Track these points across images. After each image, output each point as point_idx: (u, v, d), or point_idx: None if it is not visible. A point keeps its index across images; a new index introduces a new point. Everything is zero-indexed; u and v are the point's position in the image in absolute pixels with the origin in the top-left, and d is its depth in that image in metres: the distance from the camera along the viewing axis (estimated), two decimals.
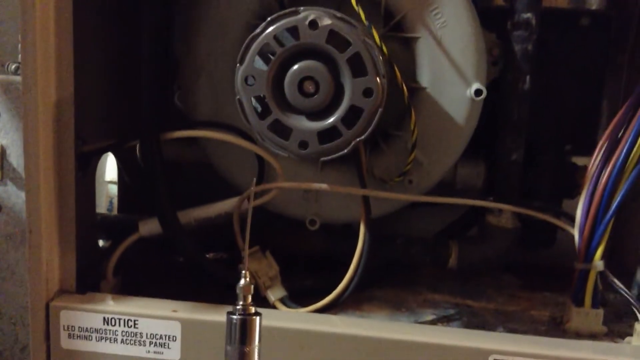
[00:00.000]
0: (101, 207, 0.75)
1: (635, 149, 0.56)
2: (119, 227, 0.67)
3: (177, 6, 0.61)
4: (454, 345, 0.51)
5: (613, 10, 0.68)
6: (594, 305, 0.57)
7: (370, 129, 0.51)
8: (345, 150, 0.52)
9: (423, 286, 0.67)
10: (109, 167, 0.75)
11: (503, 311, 0.63)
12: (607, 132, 0.57)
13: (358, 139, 0.51)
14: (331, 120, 0.51)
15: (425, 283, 0.68)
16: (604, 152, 0.56)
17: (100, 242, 0.67)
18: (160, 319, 0.53)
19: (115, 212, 0.77)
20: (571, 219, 0.59)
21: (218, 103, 0.61)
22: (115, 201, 0.76)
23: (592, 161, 0.57)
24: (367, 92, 0.50)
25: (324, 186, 0.58)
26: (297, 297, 0.60)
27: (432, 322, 0.60)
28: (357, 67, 0.50)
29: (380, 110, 0.51)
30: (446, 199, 0.60)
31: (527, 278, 0.70)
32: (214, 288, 0.57)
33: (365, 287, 0.62)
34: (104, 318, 0.53)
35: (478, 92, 0.56)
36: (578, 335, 0.57)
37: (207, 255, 0.65)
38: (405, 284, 0.67)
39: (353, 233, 0.59)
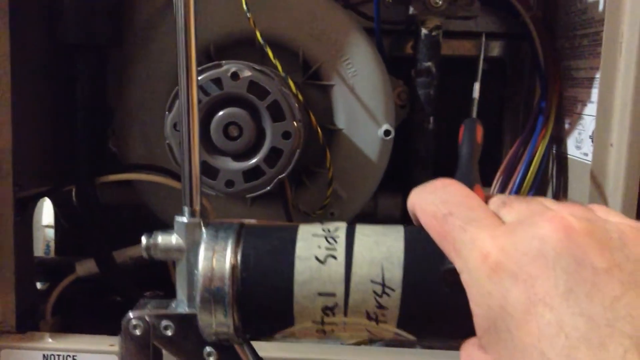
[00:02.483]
0: (39, 251, 0.77)
1: (526, 179, 0.63)
2: (56, 268, 0.69)
3: (111, 59, 0.65)
4: None
5: (508, 58, 0.76)
6: None
7: (290, 168, 0.56)
8: (269, 187, 0.57)
9: None
10: (46, 212, 0.77)
11: None
12: (503, 165, 0.64)
13: (279, 177, 0.56)
14: (254, 160, 0.56)
15: None
16: (500, 182, 0.63)
17: (39, 285, 0.68)
18: (98, 353, 0.56)
19: (52, 255, 0.79)
20: None
21: (149, 147, 0.65)
22: (52, 244, 0.78)
23: (491, 190, 0.64)
24: (286, 135, 0.55)
25: (253, 221, 0.62)
26: None
27: (357, 343, 0.64)
28: (276, 113, 0.55)
29: (298, 150, 0.56)
30: None
31: None
32: None
33: None
34: (44, 355, 0.55)
35: (387, 133, 0.62)
36: None
37: (145, 293, 0.68)
38: None
39: None
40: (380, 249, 0.35)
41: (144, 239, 0.41)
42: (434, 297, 0.34)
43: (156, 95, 0.63)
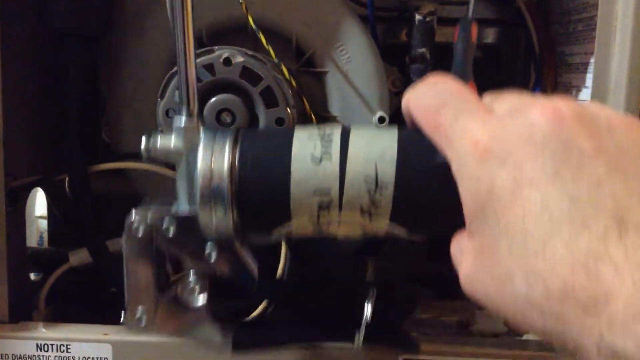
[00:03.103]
0: (32, 242, 0.77)
1: None
2: (49, 259, 0.69)
3: (102, 47, 0.64)
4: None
5: (503, 44, 0.76)
6: None
7: None
8: None
9: None
10: (39, 203, 0.77)
11: (417, 319, 0.68)
12: None
13: None
14: None
15: None
16: None
17: (32, 276, 0.68)
18: (92, 342, 0.55)
19: (45, 246, 0.79)
20: None
21: (142, 136, 0.64)
22: (45, 236, 0.78)
23: None
24: (279, 121, 0.55)
25: None
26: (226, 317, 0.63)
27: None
28: (269, 99, 0.55)
29: None
30: None
31: (437, 289, 0.76)
32: None
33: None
34: (37, 344, 0.55)
35: (381, 119, 0.62)
36: (482, 335, 0.63)
37: None
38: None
39: (275, 254, 0.63)
40: (374, 147, 0.36)
41: (143, 140, 0.42)
42: (426, 191, 0.36)
43: (149, 83, 0.62)
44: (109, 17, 0.62)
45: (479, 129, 0.31)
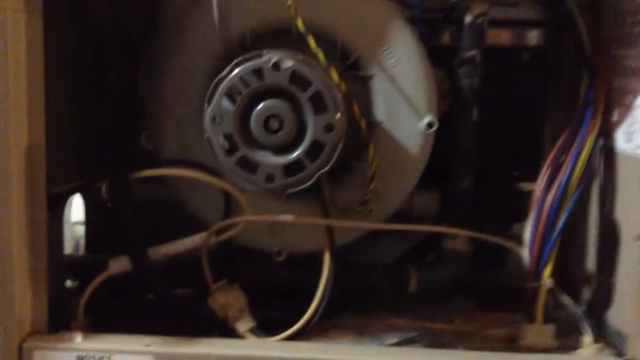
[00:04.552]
0: (67, 248, 0.76)
1: (575, 173, 0.60)
2: (86, 266, 0.67)
3: (143, 50, 0.63)
4: None
5: (549, 46, 0.73)
6: (545, 320, 0.61)
7: (332, 162, 0.54)
8: (310, 182, 0.55)
9: (385, 312, 0.69)
10: (75, 209, 0.76)
11: (461, 332, 0.66)
12: (549, 158, 0.61)
13: (321, 171, 0.54)
14: (295, 154, 0.54)
15: (386, 309, 0.70)
16: (547, 176, 0.61)
17: (68, 283, 0.67)
18: (134, 353, 0.54)
19: (81, 252, 0.77)
20: (520, 241, 0.63)
21: (183, 142, 0.63)
22: (81, 242, 0.77)
23: (537, 185, 0.61)
24: (328, 128, 0.53)
25: (289, 217, 0.60)
26: (265, 328, 0.61)
27: (396, 345, 0.62)
28: (318, 104, 0.53)
29: (340, 144, 0.54)
30: (406, 226, 0.63)
31: (481, 300, 0.74)
32: (184, 323, 0.58)
33: (330, 315, 0.64)
34: (78, 356, 0.54)
35: (430, 125, 0.60)
36: (531, 350, 0.61)
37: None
38: (368, 311, 0.69)
39: (317, 263, 0.62)
40: None
41: None
42: None
43: (192, 87, 0.61)
44: (150, 20, 0.60)
45: None
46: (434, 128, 0.60)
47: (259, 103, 0.53)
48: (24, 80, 0.51)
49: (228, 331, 0.60)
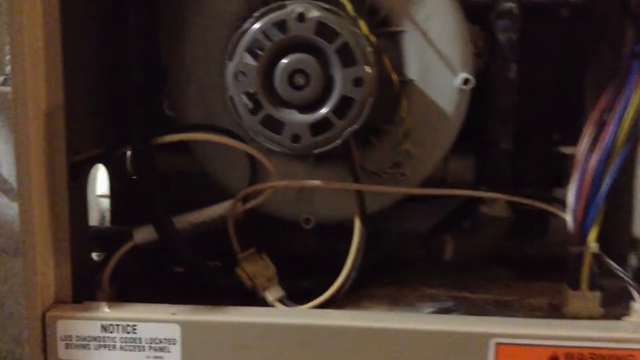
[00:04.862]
0: (93, 221, 0.75)
1: (620, 132, 0.57)
2: (112, 238, 0.66)
3: (163, 13, 0.61)
4: (455, 331, 0.51)
5: (592, 2, 0.69)
6: (591, 287, 0.57)
7: (362, 119, 0.51)
8: (339, 141, 0.52)
9: (419, 281, 0.67)
10: (100, 181, 0.75)
11: (501, 301, 0.63)
12: (593, 117, 0.58)
13: (350, 129, 0.51)
14: (323, 111, 0.51)
15: (420, 278, 0.68)
16: (591, 136, 0.57)
17: (94, 255, 0.66)
18: (159, 322, 0.52)
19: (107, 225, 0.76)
20: (563, 205, 0.59)
21: (208, 108, 0.61)
22: (107, 215, 0.75)
23: (580, 145, 0.57)
24: (358, 82, 0.50)
25: (318, 183, 0.58)
26: (295, 297, 0.59)
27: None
28: (346, 57, 0.50)
29: (371, 99, 0.51)
30: (441, 190, 0.60)
31: (520, 269, 0.71)
32: (210, 292, 0.57)
33: (362, 285, 0.62)
34: (102, 325, 0.53)
35: (466, 81, 0.57)
36: (576, 318, 0.57)
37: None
38: (401, 280, 0.67)
39: (347, 231, 0.59)
40: None
41: None
42: None
43: (214, 49, 0.58)
44: None
45: None
46: (471, 85, 0.57)
47: (283, 58, 0.50)
48: (40, 42, 0.50)
49: (256, 301, 0.58)
